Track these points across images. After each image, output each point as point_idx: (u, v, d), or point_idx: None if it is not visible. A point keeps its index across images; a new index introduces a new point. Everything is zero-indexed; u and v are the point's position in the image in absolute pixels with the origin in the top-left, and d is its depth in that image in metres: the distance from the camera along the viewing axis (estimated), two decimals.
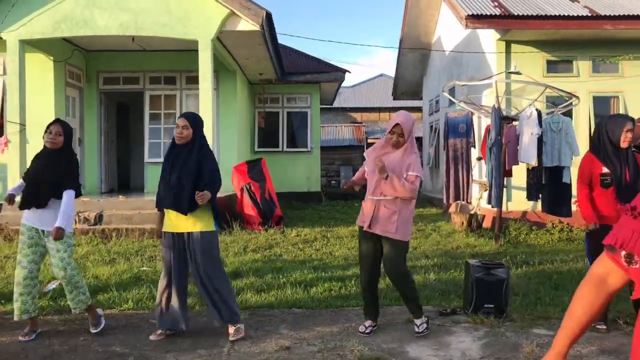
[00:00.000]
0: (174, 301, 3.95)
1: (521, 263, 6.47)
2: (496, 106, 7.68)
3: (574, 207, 7.88)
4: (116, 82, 11.80)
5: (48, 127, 3.97)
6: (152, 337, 3.96)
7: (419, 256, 6.95)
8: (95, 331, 4.02)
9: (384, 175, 3.87)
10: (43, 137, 4.00)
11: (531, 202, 8.73)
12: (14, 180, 8.92)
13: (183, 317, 3.98)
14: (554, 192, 7.78)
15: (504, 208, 8.84)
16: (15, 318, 3.92)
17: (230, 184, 10.19)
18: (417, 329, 4.02)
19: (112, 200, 9.21)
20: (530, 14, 8.97)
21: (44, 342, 3.87)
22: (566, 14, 8.98)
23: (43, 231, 3.93)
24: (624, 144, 4.08)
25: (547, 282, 5.58)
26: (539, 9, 9.27)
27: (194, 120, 3.95)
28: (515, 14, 9.00)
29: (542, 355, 3.55)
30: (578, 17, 8.98)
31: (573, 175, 7.79)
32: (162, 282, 3.98)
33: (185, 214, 3.81)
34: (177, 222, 3.87)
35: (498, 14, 9.00)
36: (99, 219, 8.49)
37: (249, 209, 9.45)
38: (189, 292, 4.26)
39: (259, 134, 14.85)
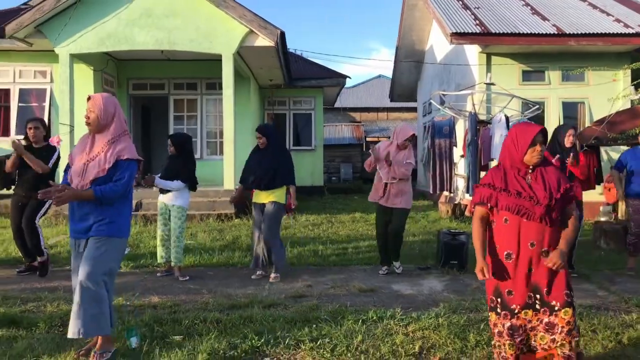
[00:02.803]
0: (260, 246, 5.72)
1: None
2: (473, 112, 9.23)
3: None
4: (144, 87, 13.35)
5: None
6: (253, 277, 5.65)
7: (408, 235, 8.48)
8: (183, 279, 5.60)
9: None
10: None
11: None
12: (59, 176, 10.42)
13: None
14: None
15: None
16: (159, 261, 5.82)
17: None
18: (397, 270, 5.95)
19: (148, 191, 10.73)
20: (506, 32, 10.49)
21: (140, 282, 5.48)
22: (536, 32, 10.47)
23: (166, 204, 5.73)
24: (567, 144, 5.57)
25: None
26: (514, 27, 10.79)
27: (265, 132, 5.73)
28: (494, 32, 10.51)
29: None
30: (546, 35, 10.46)
31: None
32: (254, 235, 5.77)
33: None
34: (261, 197, 5.70)
35: (478, 31, 10.51)
36: (140, 206, 10.03)
37: None
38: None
39: None
